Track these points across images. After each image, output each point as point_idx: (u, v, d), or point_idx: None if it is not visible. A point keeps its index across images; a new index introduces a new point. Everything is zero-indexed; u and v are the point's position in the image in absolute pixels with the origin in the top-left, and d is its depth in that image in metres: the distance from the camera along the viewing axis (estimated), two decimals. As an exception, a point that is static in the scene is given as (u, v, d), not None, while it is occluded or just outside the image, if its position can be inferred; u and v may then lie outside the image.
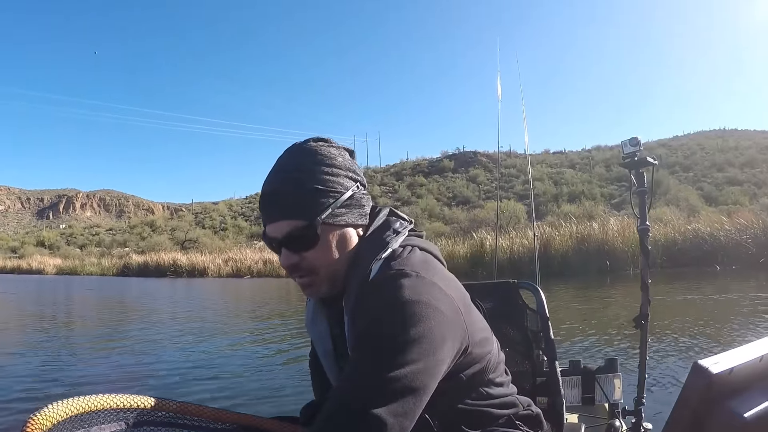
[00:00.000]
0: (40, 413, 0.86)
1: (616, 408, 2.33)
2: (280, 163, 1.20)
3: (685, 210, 23.53)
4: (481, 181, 39.44)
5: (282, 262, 1.20)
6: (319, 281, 1.21)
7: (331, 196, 1.17)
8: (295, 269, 1.19)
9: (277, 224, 1.16)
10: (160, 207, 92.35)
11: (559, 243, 17.22)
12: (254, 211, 51.16)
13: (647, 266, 2.69)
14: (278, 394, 4.96)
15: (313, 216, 1.15)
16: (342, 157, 1.22)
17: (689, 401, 0.89)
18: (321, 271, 1.19)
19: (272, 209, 1.17)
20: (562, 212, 25.76)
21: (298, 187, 1.15)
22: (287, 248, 1.18)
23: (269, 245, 1.22)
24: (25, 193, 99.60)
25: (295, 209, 1.15)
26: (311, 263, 1.18)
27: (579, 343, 6.40)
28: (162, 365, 6.31)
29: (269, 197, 1.17)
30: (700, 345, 6.00)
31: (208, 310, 13.06)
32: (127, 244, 49.36)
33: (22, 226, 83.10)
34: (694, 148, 43.93)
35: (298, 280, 1.22)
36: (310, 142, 1.22)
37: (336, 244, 1.20)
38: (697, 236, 16.27)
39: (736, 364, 0.88)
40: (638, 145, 2.63)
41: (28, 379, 5.64)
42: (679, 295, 10.28)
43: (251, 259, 28.67)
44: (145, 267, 32.60)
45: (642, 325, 2.67)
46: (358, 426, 0.95)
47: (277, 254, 1.21)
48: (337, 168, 1.19)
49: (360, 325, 1.08)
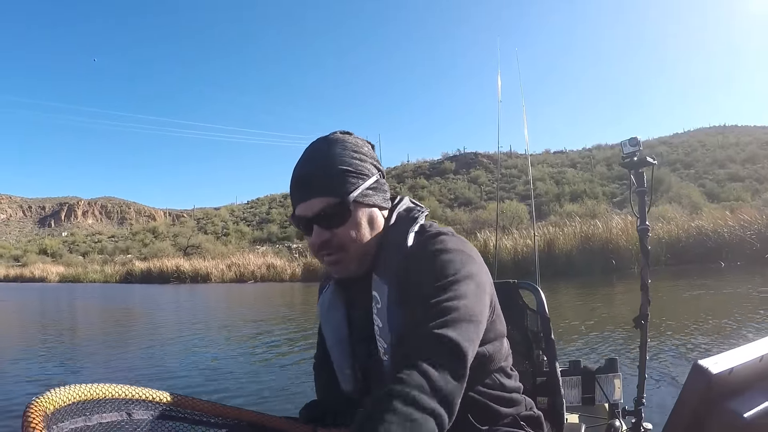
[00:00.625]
0: (42, 397, 0.86)
1: (616, 408, 2.35)
2: (310, 151, 1.28)
3: (687, 207, 23.49)
4: (483, 182, 39.39)
5: (313, 239, 1.25)
6: (348, 259, 1.27)
7: (360, 177, 1.26)
8: (326, 246, 1.25)
9: (309, 202, 1.23)
10: (161, 213, 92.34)
11: (562, 242, 17.21)
12: (256, 216, 51.19)
13: (647, 266, 2.70)
14: (282, 394, 5.03)
15: (345, 194, 1.22)
16: (366, 147, 1.32)
17: (689, 401, 0.89)
18: (350, 248, 1.25)
19: (304, 189, 1.24)
20: (564, 212, 25.72)
21: (329, 168, 1.23)
22: (319, 225, 1.24)
23: (299, 226, 1.28)
24: (27, 201, 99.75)
25: (328, 187, 1.22)
26: (341, 240, 1.24)
27: (579, 343, 6.41)
28: (167, 368, 6.38)
29: (301, 179, 1.25)
30: (706, 343, 5.99)
31: (212, 315, 13.11)
32: (130, 251, 49.35)
33: (24, 235, 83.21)
34: (694, 145, 43.80)
35: (327, 258, 1.27)
36: (336, 134, 1.30)
37: (365, 223, 1.27)
38: (700, 233, 16.26)
39: (736, 364, 0.88)
40: (638, 145, 2.65)
41: (32, 384, 5.68)
42: (684, 293, 10.28)
43: (254, 263, 28.61)
44: (149, 273, 32.45)
45: (642, 325, 2.68)
46: (438, 348, 0.99)
47: (307, 234, 1.27)
48: (363, 155, 1.28)
49: (413, 277, 1.16)
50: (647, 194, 2.71)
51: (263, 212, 51.46)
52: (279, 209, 49.87)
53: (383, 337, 1.24)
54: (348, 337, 1.37)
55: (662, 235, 16.37)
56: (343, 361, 1.38)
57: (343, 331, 1.38)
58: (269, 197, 57.01)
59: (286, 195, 54.91)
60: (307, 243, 1.35)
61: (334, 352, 1.40)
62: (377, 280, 1.26)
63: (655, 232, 16.44)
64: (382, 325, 1.24)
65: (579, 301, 11.16)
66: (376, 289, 1.25)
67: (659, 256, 16.04)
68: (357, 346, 1.36)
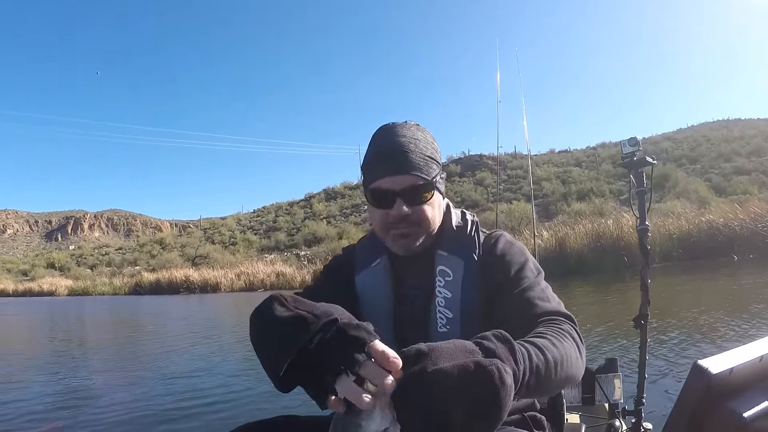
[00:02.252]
0: None
1: (616, 408, 2.36)
2: (398, 130, 1.38)
3: (695, 202, 23.42)
4: (489, 183, 39.24)
5: (393, 212, 1.34)
6: (418, 234, 1.38)
7: (438, 166, 1.40)
8: (404, 220, 1.35)
9: (400, 177, 1.32)
10: (167, 224, 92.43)
11: (573, 241, 17.17)
12: (263, 224, 51.09)
13: (647, 266, 2.73)
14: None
15: (431, 176, 1.35)
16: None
17: (689, 401, 0.89)
18: (424, 225, 1.37)
19: (395, 164, 1.33)
20: (572, 211, 25.71)
21: (422, 150, 1.35)
22: (404, 199, 1.33)
23: (379, 197, 1.36)
24: (33, 216, 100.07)
25: (419, 167, 1.33)
26: (420, 216, 1.36)
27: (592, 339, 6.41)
28: (181, 376, 6.38)
29: (394, 152, 1.33)
30: (727, 336, 5.99)
31: (224, 324, 13.12)
32: (138, 262, 49.19)
33: (31, 249, 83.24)
34: (699, 139, 43.65)
35: (398, 231, 1.37)
36: (412, 123, 1.43)
37: (437, 205, 1.41)
38: (711, 227, 16.23)
39: (736, 364, 0.88)
40: (637, 145, 2.69)
41: (49, 398, 5.69)
42: (696, 287, 10.26)
43: (263, 272, 28.65)
44: (158, 285, 32.37)
45: (642, 325, 2.72)
46: (570, 318, 1.21)
47: (382, 207, 1.36)
48: (437, 148, 1.43)
49: (503, 265, 1.37)
50: (647, 194, 2.74)
51: (270, 221, 51.44)
52: (285, 217, 49.86)
53: (450, 308, 1.37)
54: (393, 313, 1.44)
55: (673, 231, 16.34)
56: (385, 335, 1.36)
57: (391, 307, 1.45)
58: (275, 205, 56.94)
59: (292, 203, 54.58)
60: (370, 216, 1.46)
61: (375, 326, 1.41)
62: (445, 255, 1.41)
63: (665, 228, 16.41)
64: (450, 296, 1.37)
65: (588, 299, 11.13)
66: (443, 264, 1.40)
67: (671, 251, 16.01)
68: (400, 322, 1.43)
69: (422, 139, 1.37)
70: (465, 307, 1.35)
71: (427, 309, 1.40)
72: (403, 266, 1.47)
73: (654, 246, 15.93)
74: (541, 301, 1.26)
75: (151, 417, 4.75)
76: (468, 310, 1.35)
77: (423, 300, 1.41)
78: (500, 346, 0.86)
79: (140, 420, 4.67)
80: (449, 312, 1.36)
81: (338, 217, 43.70)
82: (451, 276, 1.38)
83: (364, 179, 1.41)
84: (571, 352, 1.06)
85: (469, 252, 1.41)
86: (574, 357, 1.07)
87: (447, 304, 1.36)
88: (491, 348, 0.84)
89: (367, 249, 1.55)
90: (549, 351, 0.98)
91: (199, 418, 4.67)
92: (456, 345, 0.83)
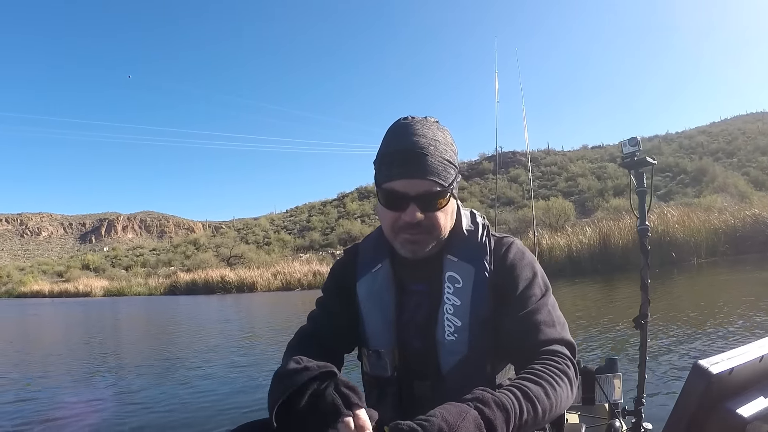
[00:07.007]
0: None
1: (616, 408, 2.35)
2: (417, 128, 1.30)
3: (735, 197, 23.12)
4: (523, 180, 38.99)
5: (406, 216, 1.28)
6: (429, 240, 1.33)
7: (455, 171, 1.34)
8: (416, 226, 1.29)
9: (416, 181, 1.26)
10: (200, 225, 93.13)
11: (618, 237, 16.95)
12: (296, 224, 51.42)
13: (647, 266, 2.73)
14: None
15: (448, 183, 1.30)
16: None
17: (689, 401, 0.88)
18: (435, 232, 1.32)
19: (412, 168, 1.26)
20: (611, 207, 25.53)
21: (440, 154, 1.28)
22: (418, 205, 1.28)
23: (393, 199, 1.31)
24: (67, 218, 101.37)
25: (436, 173, 1.27)
26: (433, 223, 1.31)
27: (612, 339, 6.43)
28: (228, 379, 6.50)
29: (412, 153, 1.27)
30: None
31: (262, 324, 13.42)
32: (172, 263, 49.63)
33: (65, 251, 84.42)
34: (735, 133, 42.74)
35: (409, 236, 1.31)
36: (431, 120, 1.36)
37: (451, 212, 1.36)
38: (757, 221, 16.01)
39: (736, 365, 0.87)
40: (637, 146, 2.70)
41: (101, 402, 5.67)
42: (743, 282, 10.14)
43: (300, 271, 28.80)
44: (194, 285, 32.46)
45: (642, 325, 2.71)
46: (571, 347, 1.25)
47: (395, 210, 1.31)
48: (456, 150, 1.36)
49: (512, 279, 1.34)
50: (647, 194, 2.74)
51: (303, 220, 51.67)
52: (319, 217, 50.18)
53: (458, 315, 1.33)
54: (396, 319, 1.41)
55: (719, 226, 16.18)
56: (386, 342, 1.41)
57: (392, 314, 1.41)
58: (308, 205, 57.24)
59: (325, 203, 54.48)
60: (380, 215, 1.40)
61: (376, 333, 1.43)
62: (455, 261, 1.36)
63: (710, 223, 16.25)
64: (460, 304, 1.33)
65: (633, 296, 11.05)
66: (453, 270, 1.36)
67: (716, 246, 15.85)
68: (402, 329, 1.40)
69: (442, 141, 1.30)
70: (474, 316, 1.32)
71: (433, 315, 1.36)
72: (408, 270, 1.42)
73: (700, 241, 15.82)
74: (546, 327, 1.25)
75: (175, 414, 4.98)
76: (478, 319, 1.32)
77: (428, 306, 1.38)
78: (498, 415, 0.95)
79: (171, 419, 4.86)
80: (458, 320, 1.32)
81: (372, 216, 43.70)
82: (461, 283, 1.34)
83: (377, 176, 1.34)
84: (563, 395, 1.11)
85: (480, 259, 1.36)
86: (565, 398, 1.12)
87: (456, 311, 1.33)
88: (491, 419, 0.94)
89: (371, 250, 1.51)
90: (541, 403, 1.04)
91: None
92: (452, 414, 0.92)
